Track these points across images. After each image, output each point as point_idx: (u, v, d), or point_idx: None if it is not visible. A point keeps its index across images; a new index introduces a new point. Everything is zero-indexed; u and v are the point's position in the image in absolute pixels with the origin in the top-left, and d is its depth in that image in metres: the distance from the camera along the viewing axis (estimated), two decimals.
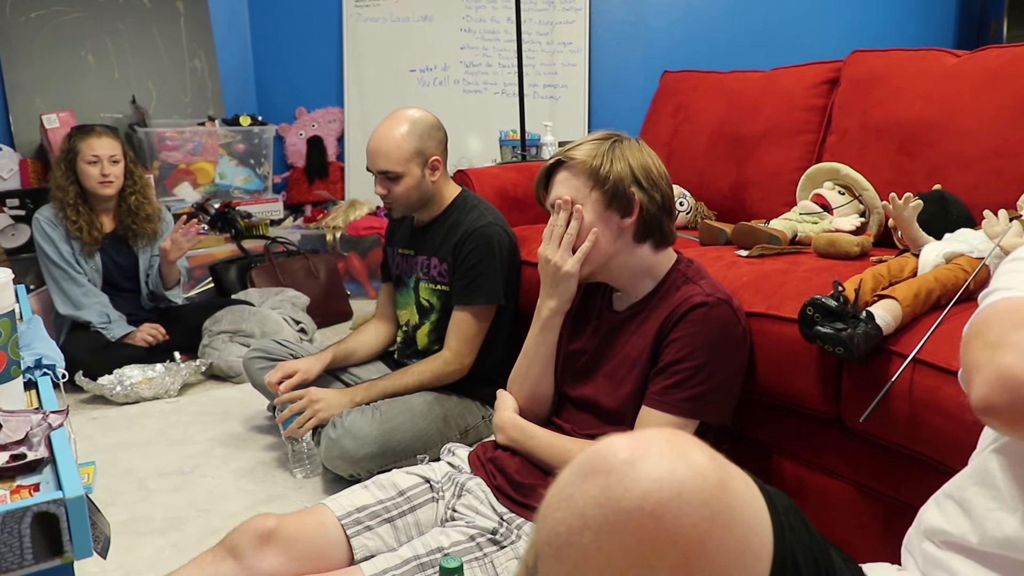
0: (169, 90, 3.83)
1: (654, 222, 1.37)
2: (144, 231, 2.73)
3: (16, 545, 0.73)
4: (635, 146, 1.38)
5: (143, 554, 1.60)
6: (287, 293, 3.02)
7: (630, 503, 0.53)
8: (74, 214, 2.60)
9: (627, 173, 1.34)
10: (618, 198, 1.35)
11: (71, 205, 2.60)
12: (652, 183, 1.36)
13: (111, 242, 2.71)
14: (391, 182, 1.84)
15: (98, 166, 2.59)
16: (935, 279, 1.30)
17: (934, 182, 1.73)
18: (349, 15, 3.98)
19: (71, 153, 2.60)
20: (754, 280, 1.56)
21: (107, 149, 2.60)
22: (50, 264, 2.61)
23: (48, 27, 3.50)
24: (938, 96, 1.85)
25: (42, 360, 1.16)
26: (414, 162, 1.83)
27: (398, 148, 1.81)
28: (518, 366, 1.53)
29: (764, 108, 2.25)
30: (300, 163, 4.13)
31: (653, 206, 1.36)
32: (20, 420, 0.93)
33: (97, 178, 2.59)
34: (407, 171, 1.83)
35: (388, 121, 1.85)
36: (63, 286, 2.61)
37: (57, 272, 2.60)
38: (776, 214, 2.01)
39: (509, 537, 1.32)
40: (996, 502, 0.72)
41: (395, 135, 1.82)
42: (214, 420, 2.31)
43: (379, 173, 1.84)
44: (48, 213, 2.64)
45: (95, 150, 2.58)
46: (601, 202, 1.35)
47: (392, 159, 1.81)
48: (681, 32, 3.60)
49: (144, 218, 2.72)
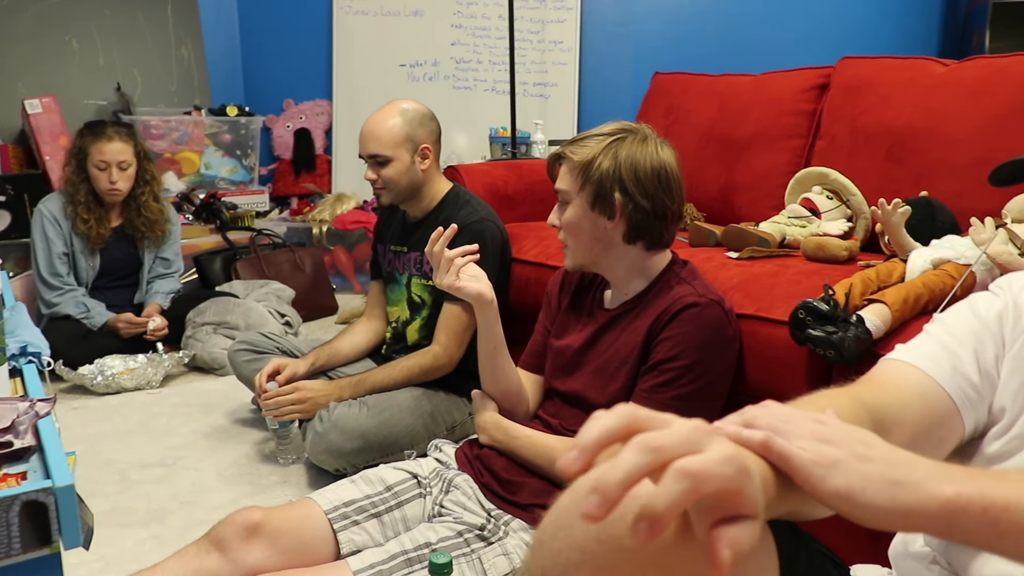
0: (155, 78, 3.78)
1: (642, 226, 1.34)
2: (151, 234, 2.68)
3: (4, 534, 0.72)
4: (638, 147, 1.32)
5: (125, 546, 1.58)
6: (272, 286, 3.00)
7: (631, 542, 0.50)
8: (85, 212, 2.54)
9: (613, 176, 1.31)
10: (600, 201, 1.33)
11: (82, 203, 2.54)
12: (641, 188, 1.31)
13: (116, 238, 2.67)
14: (380, 166, 1.85)
15: (107, 172, 2.52)
16: (923, 284, 1.32)
17: (921, 189, 1.75)
18: (339, 7, 3.96)
19: (81, 152, 2.53)
20: (744, 282, 1.57)
21: (117, 154, 2.52)
22: (36, 267, 2.56)
23: (32, 10, 3.44)
24: (926, 104, 1.87)
25: (27, 348, 1.15)
26: (403, 147, 1.84)
27: (388, 132, 1.84)
28: (481, 365, 1.48)
29: (754, 111, 2.27)
30: (287, 155, 4.10)
31: (639, 212, 1.32)
32: (6, 407, 0.92)
33: (105, 184, 2.53)
34: (396, 155, 1.84)
35: (382, 109, 1.89)
36: (40, 290, 2.57)
37: (40, 276, 2.57)
38: (764, 217, 2.02)
39: (497, 533, 1.32)
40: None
41: (387, 120, 1.85)
42: (197, 412, 2.29)
43: (369, 157, 1.86)
44: (54, 207, 2.57)
45: (104, 155, 2.51)
46: (587, 202, 1.35)
47: (382, 142, 1.83)
48: (671, 34, 3.62)
49: (151, 221, 2.66)
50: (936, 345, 0.75)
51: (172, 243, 2.80)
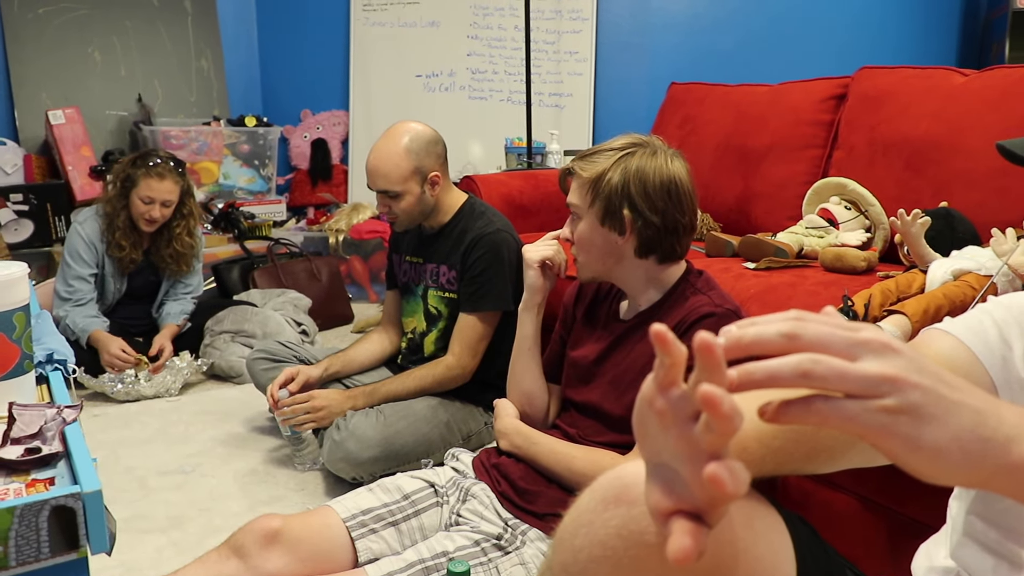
0: (175, 89, 3.83)
1: (653, 241, 1.33)
2: (175, 267, 2.65)
3: (33, 538, 0.73)
4: (648, 159, 1.31)
5: (144, 552, 1.60)
6: (289, 294, 3.02)
7: (653, 538, 0.50)
8: (123, 238, 2.53)
9: (621, 192, 1.30)
10: (610, 217, 1.33)
11: (120, 229, 2.52)
12: (650, 203, 1.30)
13: (142, 263, 2.66)
14: (391, 200, 1.84)
15: (150, 207, 2.49)
16: (944, 295, 1.31)
17: (940, 199, 1.75)
18: (357, 19, 4.00)
19: (129, 180, 2.50)
20: (761, 292, 1.57)
21: (164, 194, 2.50)
22: (62, 287, 2.54)
23: (56, 23, 3.50)
24: (946, 114, 1.86)
25: (53, 355, 1.16)
26: (413, 180, 1.82)
27: (396, 168, 1.81)
28: (512, 363, 1.56)
29: (771, 122, 2.27)
30: (304, 165, 4.14)
31: (650, 228, 1.31)
32: (34, 414, 0.93)
33: (144, 216, 2.50)
34: (406, 189, 1.82)
35: (385, 138, 1.84)
36: (63, 304, 2.54)
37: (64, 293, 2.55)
38: (781, 227, 2.02)
39: (514, 543, 1.32)
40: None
41: (392, 155, 1.81)
42: (215, 419, 2.31)
43: (379, 192, 1.85)
44: (92, 230, 2.54)
45: (152, 192, 2.48)
46: (597, 218, 1.35)
47: (391, 179, 1.81)
48: (687, 45, 3.62)
49: (179, 254, 2.63)
50: (986, 321, 0.70)
51: (195, 273, 2.77)
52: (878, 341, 0.45)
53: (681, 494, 0.44)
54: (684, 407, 0.43)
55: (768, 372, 0.42)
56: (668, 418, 0.44)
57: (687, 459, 0.43)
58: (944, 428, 0.44)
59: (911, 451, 0.44)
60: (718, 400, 0.39)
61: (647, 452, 0.47)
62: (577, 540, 0.54)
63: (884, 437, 0.43)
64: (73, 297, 2.53)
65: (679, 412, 0.43)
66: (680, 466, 0.44)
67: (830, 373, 0.43)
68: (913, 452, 0.44)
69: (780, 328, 0.44)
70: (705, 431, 0.41)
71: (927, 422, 0.43)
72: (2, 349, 0.98)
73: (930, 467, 0.44)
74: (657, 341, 0.42)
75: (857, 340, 0.44)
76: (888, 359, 0.44)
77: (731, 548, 0.53)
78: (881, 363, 0.44)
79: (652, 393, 0.45)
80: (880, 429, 0.43)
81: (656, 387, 0.44)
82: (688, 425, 0.43)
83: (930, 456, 0.44)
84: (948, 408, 0.44)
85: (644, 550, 0.51)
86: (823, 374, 0.43)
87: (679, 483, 0.44)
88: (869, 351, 0.44)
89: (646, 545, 0.51)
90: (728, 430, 0.40)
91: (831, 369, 0.43)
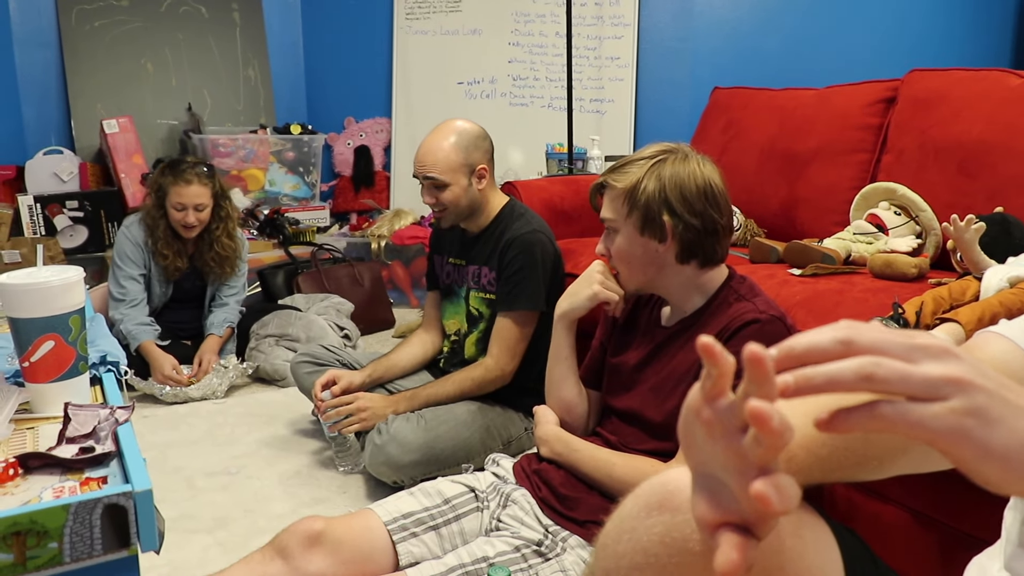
0: (223, 98, 3.93)
1: (694, 245, 1.32)
2: (219, 270, 2.70)
3: (87, 535, 0.75)
4: (681, 165, 1.31)
5: (191, 551, 1.63)
6: (332, 299, 3.06)
7: (697, 545, 0.50)
8: (165, 247, 2.59)
9: (659, 199, 1.29)
10: (649, 225, 1.31)
11: (161, 239, 2.59)
12: (688, 206, 1.29)
13: (188, 269, 2.72)
14: (438, 190, 1.87)
15: (184, 213, 2.55)
16: (1000, 303, 1.27)
17: (995, 204, 1.69)
18: (399, 28, 4.04)
19: (160, 191, 2.56)
20: (808, 299, 1.54)
21: (194, 198, 2.54)
22: (115, 288, 2.61)
23: (110, 36, 3.62)
24: (1000, 117, 1.81)
25: (106, 357, 1.20)
26: (461, 171, 1.86)
27: (445, 158, 1.85)
28: (547, 373, 1.55)
29: (817, 126, 2.23)
30: (347, 172, 4.20)
31: (690, 231, 1.30)
32: (88, 414, 0.96)
33: (180, 223, 2.57)
34: (454, 180, 1.86)
35: (436, 131, 1.90)
36: (118, 306, 2.62)
37: (117, 294, 2.63)
38: (827, 233, 1.98)
39: (554, 549, 1.32)
40: None
41: (443, 145, 1.86)
42: (260, 422, 2.35)
43: (426, 179, 1.87)
44: (138, 234, 2.61)
45: (182, 198, 2.53)
46: (636, 228, 1.34)
47: (439, 167, 1.85)
48: (731, 50, 3.58)
49: (222, 257, 2.68)
50: None
51: (239, 276, 2.81)
52: (936, 346, 0.43)
53: (728, 506, 0.43)
54: (732, 418, 0.42)
55: (828, 376, 0.41)
56: (716, 429, 0.43)
57: (735, 472, 0.42)
58: (1012, 433, 0.42)
59: (982, 458, 0.42)
60: (767, 416, 0.38)
61: (693, 462, 0.47)
62: (620, 546, 0.54)
63: (956, 442, 0.42)
64: (127, 298, 2.61)
65: (727, 423, 0.42)
66: (728, 478, 0.43)
67: (893, 375, 0.41)
68: (984, 459, 0.42)
69: (835, 335, 0.43)
70: (754, 444, 0.40)
71: (994, 426, 0.42)
72: (59, 351, 1.01)
73: (1001, 474, 0.42)
74: (704, 353, 0.41)
75: (914, 345, 0.43)
76: (948, 362, 0.43)
77: (778, 558, 0.52)
78: (943, 365, 0.42)
79: (699, 403, 0.44)
80: (950, 433, 0.42)
81: (703, 397, 0.43)
82: (736, 437, 0.42)
83: (1001, 462, 0.42)
84: (1015, 413, 0.43)
85: (687, 557, 0.51)
86: (885, 376, 0.41)
87: (726, 495, 0.43)
88: (927, 355, 0.43)
89: (690, 552, 0.51)
90: (778, 445, 0.39)
91: (894, 371, 0.41)
